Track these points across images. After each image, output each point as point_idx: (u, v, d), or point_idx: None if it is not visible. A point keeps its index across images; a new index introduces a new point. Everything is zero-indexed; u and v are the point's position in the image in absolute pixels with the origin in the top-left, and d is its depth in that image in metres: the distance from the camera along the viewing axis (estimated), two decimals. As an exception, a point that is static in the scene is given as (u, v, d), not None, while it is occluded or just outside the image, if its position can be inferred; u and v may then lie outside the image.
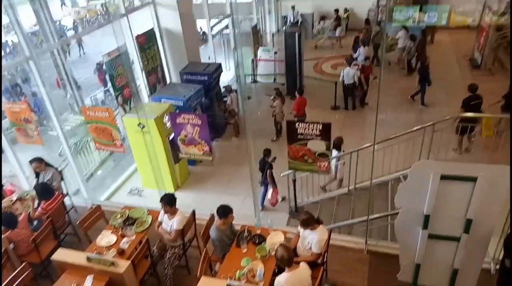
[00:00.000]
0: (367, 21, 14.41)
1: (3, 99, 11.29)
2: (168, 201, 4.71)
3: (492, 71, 11.26)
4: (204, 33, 14.11)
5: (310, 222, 4.18)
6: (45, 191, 5.38)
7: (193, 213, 5.12)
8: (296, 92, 9.18)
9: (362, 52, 11.57)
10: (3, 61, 11.19)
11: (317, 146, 4.67)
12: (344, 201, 6.67)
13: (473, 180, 3.46)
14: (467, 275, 4.02)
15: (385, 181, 6.45)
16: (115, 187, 8.05)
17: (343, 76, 10.03)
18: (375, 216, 5.66)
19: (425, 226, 3.84)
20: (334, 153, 6.48)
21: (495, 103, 7.39)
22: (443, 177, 3.54)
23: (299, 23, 15.71)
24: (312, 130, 4.56)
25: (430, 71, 9.85)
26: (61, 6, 25.41)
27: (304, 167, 4.99)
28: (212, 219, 5.01)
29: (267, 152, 6.71)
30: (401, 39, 12.30)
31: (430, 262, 4.06)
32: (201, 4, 11.72)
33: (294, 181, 6.50)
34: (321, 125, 4.50)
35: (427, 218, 3.79)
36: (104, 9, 22.63)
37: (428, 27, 13.33)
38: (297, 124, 4.63)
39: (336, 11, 15.86)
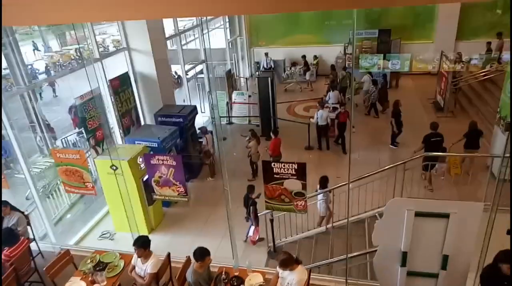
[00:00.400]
0: (333, 67, 15.30)
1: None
2: (142, 244, 4.54)
3: (454, 113, 11.98)
4: (179, 77, 14.36)
5: (289, 262, 4.12)
6: (9, 236, 5.06)
7: (168, 255, 4.95)
8: (271, 133, 9.38)
9: (332, 95, 12.17)
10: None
11: (293, 185, 4.73)
12: (323, 240, 6.65)
13: (446, 216, 3.58)
14: (447, 311, 4.03)
15: (362, 219, 6.53)
16: (85, 230, 7.69)
17: (317, 118, 10.40)
18: (354, 254, 5.66)
19: (403, 263, 3.88)
20: (320, 191, 6.58)
21: (457, 141, 7.83)
22: (417, 214, 3.65)
23: (271, 69, 16.33)
24: (288, 170, 4.64)
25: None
26: (34, 51, 25.37)
27: (281, 207, 5.00)
28: (188, 261, 4.85)
29: (251, 189, 6.70)
30: (366, 83, 13.05)
31: (411, 299, 4.05)
32: (176, 50, 12.05)
33: (272, 220, 6.45)
34: (296, 165, 4.58)
35: (404, 255, 3.84)
36: (78, 54, 22.78)
37: (392, 73, 14.24)
38: (273, 164, 4.70)
39: (304, 57, 16.70)
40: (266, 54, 17.03)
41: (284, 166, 4.63)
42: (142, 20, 8.24)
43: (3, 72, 13.36)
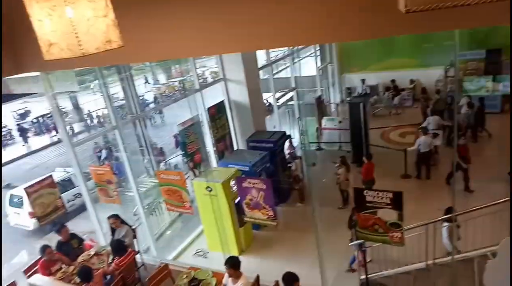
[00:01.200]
0: (424, 90, 14.39)
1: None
2: (233, 264, 4.67)
3: None
4: (270, 104, 14.86)
5: None
6: (119, 247, 5.65)
7: (257, 278, 4.99)
8: (364, 158, 9.11)
9: (431, 120, 11.34)
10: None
11: (388, 215, 4.46)
12: (423, 277, 6.03)
13: None
14: None
15: (470, 257, 5.78)
16: (182, 247, 8.20)
17: (419, 144, 9.77)
18: (460, 296, 5.02)
19: (523, 311, 3.33)
20: (445, 224, 6.03)
21: None
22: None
23: (366, 95, 15.92)
24: (382, 198, 4.40)
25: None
26: (145, 84, 28.86)
27: (375, 237, 4.73)
28: (277, 286, 4.82)
29: (353, 211, 6.36)
30: (464, 106, 11.84)
31: None
32: (267, 79, 12.56)
33: (364, 251, 6.10)
34: (391, 193, 4.33)
35: (525, 301, 3.29)
36: (181, 85, 25.21)
37: (505, 97, 12.72)
38: (365, 192, 4.51)
39: (393, 81, 16.10)
40: (363, 80, 16.65)
41: (378, 194, 4.43)
42: (238, 52, 8.83)
43: (120, 103, 15.43)
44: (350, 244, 6.35)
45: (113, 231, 6.32)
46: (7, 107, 23.02)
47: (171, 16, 3.53)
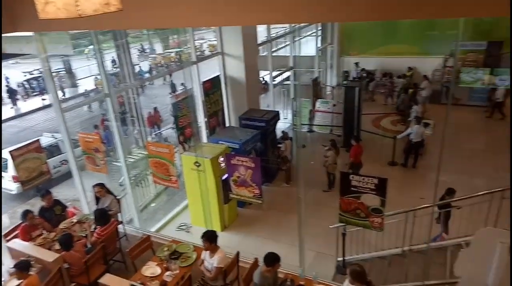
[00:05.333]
0: (386, 74, 15.73)
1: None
2: (209, 238, 4.74)
3: None
4: (266, 82, 14.73)
5: (361, 278, 3.94)
6: (102, 217, 5.69)
7: (237, 254, 5.08)
8: (352, 140, 9.16)
9: (416, 109, 11.45)
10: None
11: (371, 200, 4.52)
12: (397, 262, 6.21)
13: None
14: None
15: (444, 246, 5.95)
16: (165, 220, 8.29)
17: (411, 133, 9.82)
18: (431, 282, 5.17)
19: (489, 301, 3.45)
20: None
21: None
22: (512, 248, 3.23)
23: (362, 79, 15.83)
24: (367, 184, 4.45)
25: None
26: (141, 53, 28.33)
27: (355, 221, 4.82)
28: (255, 263, 4.93)
29: (449, 191, 6.31)
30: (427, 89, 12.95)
31: None
32: (266, 56, 12.39)
33: (344, 234, 6.23)
34: (377, 179, 4.38)
35: (491, 291, 3.41)
36: (178, 57, 24.83)
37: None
38: (351, 176, 4.55)
39: (362, 68, 16.59)
40: (357, 63, 16.54)
41: (363, 179, 4.46)
42: (239, 26, 8.67)
43: (114, 71, 15.18)
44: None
45: (97, 200, 6.33)
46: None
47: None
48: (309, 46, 16.67)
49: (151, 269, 4.90)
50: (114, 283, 4.64)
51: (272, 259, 4.42)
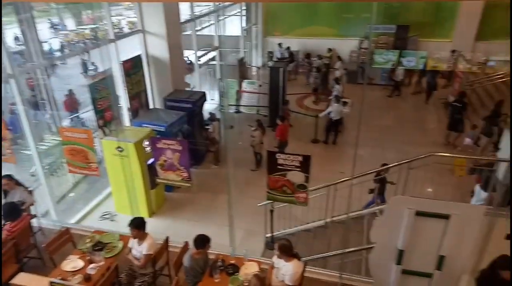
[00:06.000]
0: (307, 55, 16.53)
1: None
2: (136, 225, 4.58)
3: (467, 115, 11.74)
4: (191, 62, 14.36)
5: (288, 250, 4.12)
6: (12, 211, 5.15)
7: (166, 240, 4.99)
8: (277, 119, 9.36)
9: (337, 89, 12.09)
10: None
11: (296, 177, 4.71)
12: (321, 233, 6.64)
13: (447, 217, 3.53)
14: (439, 313, 4.01)
15: (362, 215, 6.49)
16: (87, 210, 7.77)
17: (331, 112, 10.32)
18: (350, 249, 5.64)
19: (398, 261, 3.85)
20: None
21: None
22: (418, 213, 3.61)
23: (286, 59, 16.19)
24: (292, 161, 4.61)
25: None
26: (50, 28, 25.57)
27: (282, 198, 4.99)
28: (186, 247, 4.89)
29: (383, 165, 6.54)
30: (340, 70, 13.97)
31: (403, 298, 4.03)
32: (190, 35, 12.01)
33: (272, 211, 6.45)
34: (301, 157, 4.55)
35: (401, 253, 3.80)
36: (93, 34, 22.90)
37: (406, 70, 14.07)
38: (277, 155, 4.68)
39: (288, 48, 17.01)
40: (280, 44, 16.86)
41: (288, 157, 4.62)
42: (159, 2, 8.21)
43: (18, 48, 13.50)
44: None
45: (5, 193, 5.70)
46: None
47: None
48: (234, 26, 16.54)
49: (73, 263, 4.59)
50: (31, 282, 4.26)
51: (201, 241, 4.42)
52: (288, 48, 16.98)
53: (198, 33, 12.48)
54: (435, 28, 15.93)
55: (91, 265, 4.54)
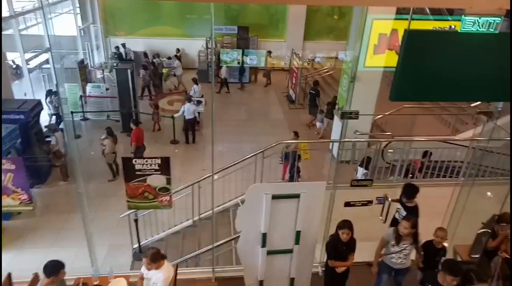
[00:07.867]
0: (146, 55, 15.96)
1: None
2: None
3: (304, 105, 13.42)
4: (18, 66, 12.31)
5: (159, 256, 3.99)
6: None
7: (9, 276, 4.22)
8: (131, 124, 8.93)
9: (197, 89, 12.25)
10: None
11: (157, 181, 4.59)
12: (190, 233, 6.65)
13: (298, 196, 3.99)
14: (302, 281, 4.53)
15: (227, 208, 6.76)
16: None
17: (184, 111, 10.33)
18: (220, 242, 5.83)
19: (263, 244, 4.17)
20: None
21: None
22: (274, 197, 3.96)
23: (131, 60, 15.41)
24: (151, 165, 4.47)
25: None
26: None
27: (145, 205, 4.80)
28: (35, 280, 4.23)
29: None
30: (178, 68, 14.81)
31: (271, 276, 4.40)
32: (12, 35, 10.31)
33: (136, 220, 6.13)
34: (159, 159, 4.45)
35: (264, 236, 4.12)
36: None
37: (250, 68, 15.19)
38: (134, 160, 4.46)
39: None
40: (123, 45, 16.02)
41: (146, 161, 4.44)
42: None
43: None
44: None
45: None
46: None
47: None
48: (68, 25, 14.90)
49: None
50: None
51: (53, 268, 3.85)
52: (117, 48, 16.15)
53: (23, 32, 10.81)
54: (271, 29, 17.66)
55: None
